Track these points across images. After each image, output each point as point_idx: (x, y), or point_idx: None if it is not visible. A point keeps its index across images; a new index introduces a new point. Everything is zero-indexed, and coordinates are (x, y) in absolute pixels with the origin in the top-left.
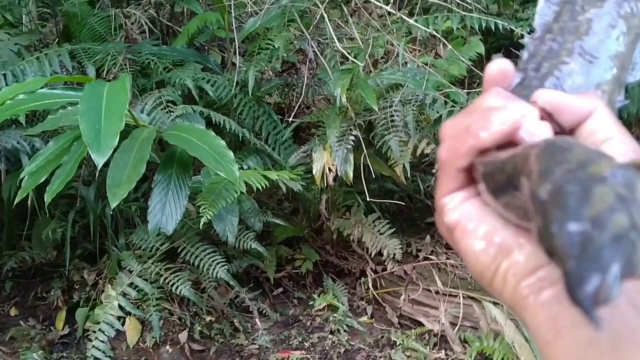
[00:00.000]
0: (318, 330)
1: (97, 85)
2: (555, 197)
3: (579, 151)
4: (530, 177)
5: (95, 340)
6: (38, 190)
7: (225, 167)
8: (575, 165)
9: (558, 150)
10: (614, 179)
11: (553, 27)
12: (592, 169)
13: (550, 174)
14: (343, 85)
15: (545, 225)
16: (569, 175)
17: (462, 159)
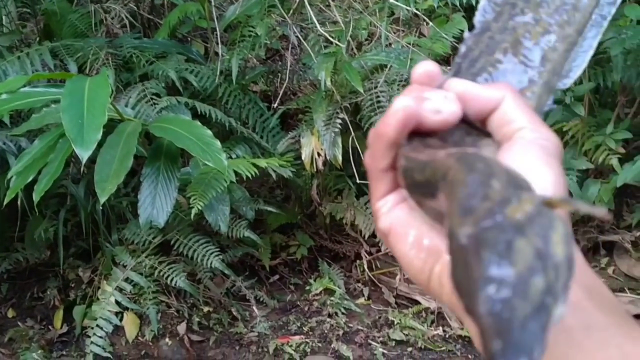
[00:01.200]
0: (316, 315)
1: (78, 80)
2: (475, 247)
3: (498, 181)
4: (450, 205)
5: (93, 337)
6: (27, 190)
7: (213, 156)
8: (496, 204)
9: (477, 177)
10: (532, 228)
11: (492, 25)
12: (512, 211)
13: (470, 213)
14: (327, 69)
15: (464, 278)
16: (490, 220)
17: (381, 159)
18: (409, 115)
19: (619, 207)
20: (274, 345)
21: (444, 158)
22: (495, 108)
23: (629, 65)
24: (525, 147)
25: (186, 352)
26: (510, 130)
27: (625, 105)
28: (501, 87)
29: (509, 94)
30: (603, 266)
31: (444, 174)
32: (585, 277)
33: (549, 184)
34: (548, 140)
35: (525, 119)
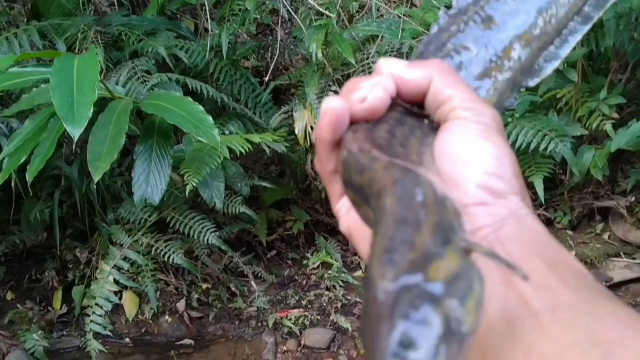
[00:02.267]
0: (314, 288)
1: (67, 58)
2: (389, 311)
3: (429, 225)
4: (375, 241)
5: (93, 316)
6: (21, 173)
7: (205, 132)
8: (421, 257)
9: (408, 216)
10: (450, 294)
11: (470, 9)
12: (434, 272)
13: (392, 264)
14: (318, 41)
15: (371, 337)
16: (411, 277)
17: (327, 163)
18: (337, 114)
19: (614, 173)
20: (273, 319)
21: (383, 173)
22: (427, 89)
23: (622, 30)
24: (461, 128)
25: (186, 328)
26: (445, 111)
27: (619, 71)
28: (430, 65)
29: (437, 72)
30: (599, 232)
31: (378, 193)
32: (549, 250)
33: (491, 158)
34: (483, 115)
35: (457, 98)
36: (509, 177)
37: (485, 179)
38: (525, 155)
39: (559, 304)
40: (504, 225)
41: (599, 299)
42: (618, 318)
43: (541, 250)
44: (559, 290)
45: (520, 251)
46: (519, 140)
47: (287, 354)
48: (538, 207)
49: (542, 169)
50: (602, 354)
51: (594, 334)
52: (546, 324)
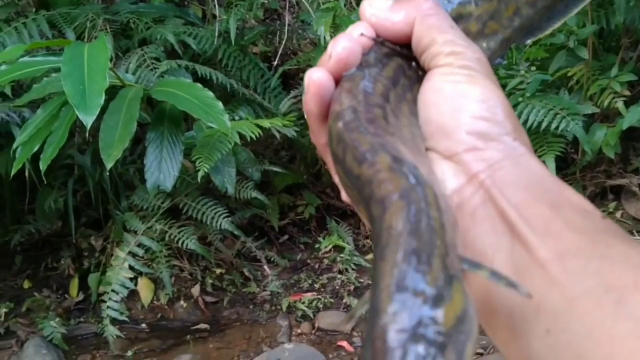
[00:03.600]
0: (327, 272)
1: (76, 46)
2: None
3: (438, 260)
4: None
5: (110, 302)
6: (34, 162)
7: (215, 118)
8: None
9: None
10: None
11: None
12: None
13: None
14: (326, 23)
15: None
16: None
17: (319, 136)
18: (319, 85)
19: (626, 151)
20: (286, 303)
21: (387, 174)
22: (409, 33)
23: (632, 6)
24: (444, 75)
25: (201, 313)
26: (428, 57)
27: (629, 48)
28: (412, 5)
29: (419, 14)
30: (611, 210)
31: (381, 200)
32: (550, 191)
33: (478, 101)
34: (467, 59)
35: (439, 42)
36: (500, 118)
37: (474, 123)
38: (537, 135)
39: (566, 250)
40: (499, 169)
41: (607, 239)
42: (629, 259)
43: (542, 192)
44: (565, 234)
45: (520, 195)
46: (530, 120)
47: (301, 337)
48: None
49: (553, 148)
50: (615, 300)
51: (605, 279)
52: (555, 274)
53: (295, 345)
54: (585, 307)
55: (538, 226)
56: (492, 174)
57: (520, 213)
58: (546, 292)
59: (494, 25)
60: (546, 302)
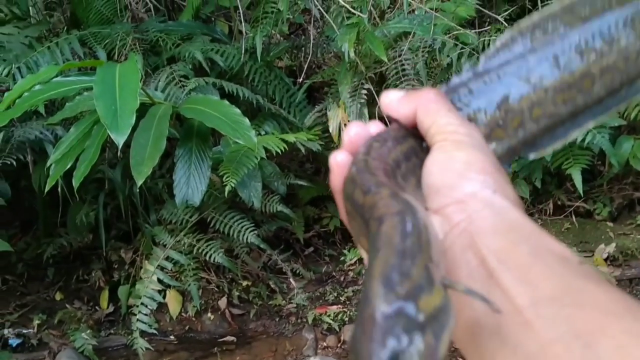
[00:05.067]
0: (352, 284)
1: (108, 67)
2: (383, 331)
3: (421, 260)
4: (374, 264)
5: (139, 314)
6: (66, 177)
7: (242, 134)
8: (415, 288)
9: (407, 248)
10: (432, 325)
11: (505, 70)
12: (424, 304)
13: (391, 289)
14: (350, 40)
15: (361, 349)
16: (405, 304)
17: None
18: (340, 166)
19: None
20: (312, 315)
21: (387, 200)
22: (414, 119)
23: None
24: (439, 150)
25: (228, 325)
26: (429, 137)
27: None
28: (417, 97)
29: (421, 103)
30: (639, 223)
31: (380, 218)
32: (529, 238)
33: (462, 163)
34: (457, 133)
35: (435, 126)
36: (482, 176)
37: (458, 181)
38: (563, 148)
39: (541, 297)
40: (478, 218)
41: (582, 285)
42: (598, 306)
43: (521, 239)
44: (541, 281)
45: (499, 242)
46: None
47: (327, 350)
48: (577, 199)
49: (580, 161)
50: (583, 345)
51: (574, 326)
52: (530, 320)
53: (321, 359)
54: (556, 351)
55: (516, 273)
56: (471, 222)
57: (499, 259)
58: (522, 336)
59: (501, 132)
60: (522, 345)
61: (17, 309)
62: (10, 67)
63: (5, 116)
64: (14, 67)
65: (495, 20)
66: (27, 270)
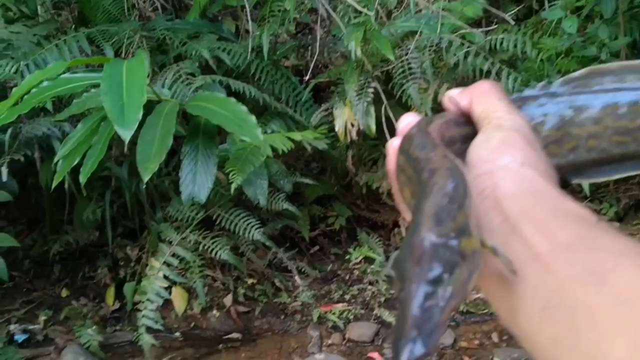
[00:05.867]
0: (357, 283)
1: (116, 63)
2: (431, 255)
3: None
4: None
5: (145, 311)
6: (73, 174)
7: (249, 132)
8: (459, 229)
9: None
10: (467, 263)
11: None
12: (465, 244)
13: (440, 224)
14: (357, 38)
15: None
16: (451, 240)
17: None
18: (395, 149)
19: None
20: (317, 313)
21: (440, 157)
22: (469, 110)
23: None
24: (482, 133)
25: (233, 322)
26: (478, 124)
27: None
28: (472, 89)
29: (475, 95)
30: None
31: (432, 170)
32: (549, 200)
33: (497, 140)
34: (499, 119)
35: (484, 114)
36: (512, 151)
37: (490, 156)
38: None
39: (559, 244)
40: (502, 185)
41: (597, 235)
42: (612, 249)
43: (541, 201)
44: (559, 232)
45: (519, 203)
46: None
47: (331, 347)
48: (583, 199)
49: None
50: (597, 281)
51: (589, 265)
52: (549, 263)
53: (326, 356)
54: (572, 287)
55: (536, 226)
56: (496, 188)
57: (520, 216)
58: (541, 278)
59: (555, 149)
60: (541, 286)
61: (24, 305)
62: (19, 65)
63: (13, 112)
64: (22, 65)
65: (502, 19)
66: (34, 267)
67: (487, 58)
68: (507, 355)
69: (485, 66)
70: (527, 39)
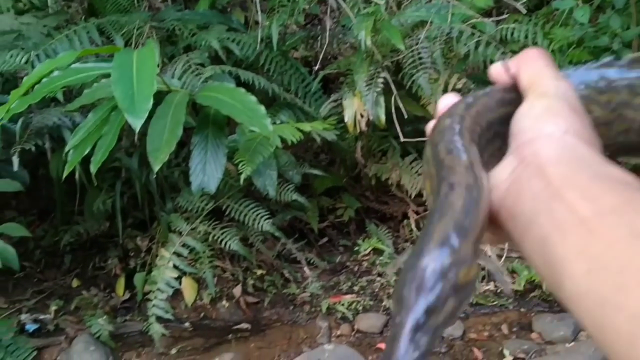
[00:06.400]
0: (366, 274)
1: (126, 53)
2: (427, 286)
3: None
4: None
5: (155, 300)
6: (84, 165)
7: (258, 122)
8: (458, 261)
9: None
10: (461, 293)
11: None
12: (462, 275)
13: (442, 255)
14: (367, 28)
15: (404, 288)
16: (449, 274)
17: None
18: None
19: None
20: (326, 304)
21: (462, 170)
22: (517, 78)
23: None
24: (526, 102)
25: (243, 313)
26: (524, 93)
27: None
28: (520, 58)
29: (522, 63)
30: None
31: (451, 184)
32: (592, 166)
33: (541, 108)
34: (546, 86)
35: (529, 83)
36: (555, 119)
37: (532, 125)
38: None
39: (603, 208)
40: (543, 152)
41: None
42: None
43: (584, 166)
44: (603, 197)
45: (561, 169)
46: None
47: (340, 338)
48: None
49: None
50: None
51: (635, 228)
52: (594, 228)
53: (335, 347)
54: (620, 250)
55: (579, 191)
56: (538, 155)
57: (563, 182)
58: (587, 242)
59: (604, 131)
60: (587, 249)
61: (35, 295)
62: (29, 55)
63: (24, 102)
64: (32, 55)
65: (513, 9)
66: (45, 257)
67: (498, 48)
68: (517, 347)
69: (496, 56)
70: (538, 29)
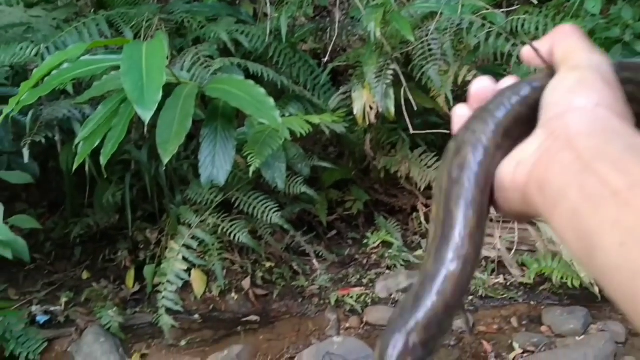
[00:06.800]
0: (375, 267)
1: (135, 45)
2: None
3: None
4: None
5: (165, 292)
6: (94, 157)
7: (267, 114)
8: None
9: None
10: None
11: None
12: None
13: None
14: (376, 19)
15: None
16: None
17: None
18: (460, 117)
19: None
20: (335, 297)
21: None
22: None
23: None
24: (558, 75)
25: (252, 305)
26: (557, 67)
27: None
28: (554, 34)
29: (556, 39)
30: None
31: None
32: (623, 138)
33: (573, 81)
34: (575, 60)
35: (562, 57)
36: (586, 92)
37: (563, 98)
38: None
39: (636, 181)
40: (574, 125)
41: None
42: None
43: (615, 138)
44: (635, 169)
45: (592, 141)
46: None
47: (349, 330)
48: None
49: None
50: None
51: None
52: (628, 199)
53: (344, 339)
54: None
55: (611, 163)
56: (568, 128)
57: (594, 154)
58: (620, 213)
59: (635, 107)
60: (620, 221)
61: (45, 287)
62: (39, 48)
63: (34, 94)
64: (42, 48)
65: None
66: (55, 250)
67: (508, 40)
68: (526, 340)
69: (506, 48)
70: (549, 20)
